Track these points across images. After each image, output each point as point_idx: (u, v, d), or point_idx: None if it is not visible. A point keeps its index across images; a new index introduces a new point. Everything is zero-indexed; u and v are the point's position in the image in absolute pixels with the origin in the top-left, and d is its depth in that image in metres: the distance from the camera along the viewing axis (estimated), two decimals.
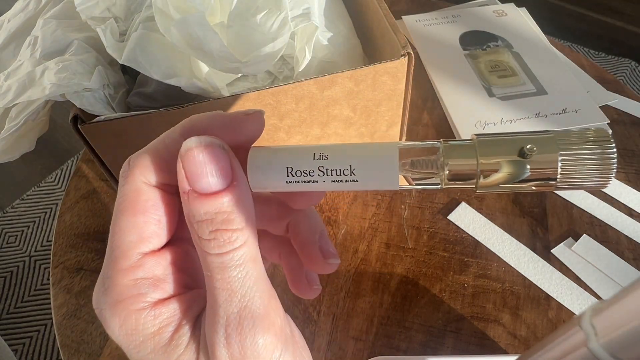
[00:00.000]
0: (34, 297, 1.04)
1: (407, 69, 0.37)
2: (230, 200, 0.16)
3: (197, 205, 0.16)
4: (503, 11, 0.63)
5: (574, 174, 0.17)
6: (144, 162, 0.17)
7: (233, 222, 0.16)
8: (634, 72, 1.35)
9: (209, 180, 0.16)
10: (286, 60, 0.42)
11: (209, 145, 0.16)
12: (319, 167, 0.18)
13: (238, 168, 0.17)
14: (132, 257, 0.17)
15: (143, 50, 0.36)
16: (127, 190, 0.17)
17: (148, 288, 0.17)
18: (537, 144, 0.17)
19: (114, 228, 0.17)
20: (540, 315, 0.37)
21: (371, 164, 0.18)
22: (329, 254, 0.22)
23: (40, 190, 1.24)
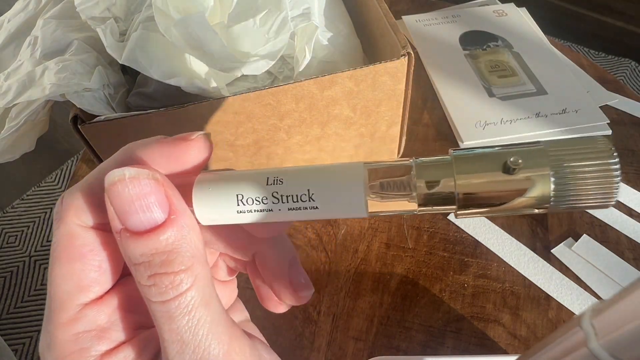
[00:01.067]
0: (34, 297, 1.04)
1: (407, 69, 0.37)
2: (170, 237, 0.14)
3: (131, 246, 0.14)
4: (503, 11, 0.63)
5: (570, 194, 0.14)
6: (77, 202, 0.15)
7: (174, 263, 0.14)
8: (634, 72, 1.35)
9: (140, 216, 0.14)
10: (286, 60, 0.42)
11: (135, 177, 0.14)
12: (273, 192, 0.16)
13: (176, 199, 0.15)
14: (71, 310, 0.15)
15: (143, 50, 0.36)
16: (60, 234, 0.15)
17: (91, 341, 0.15)
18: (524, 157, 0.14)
19: (50, 277, 0.15)
20: (540, 315, 0.37)
21: (333, 188, 0.16)
22: (299, 286, 0.20)
23: (40, 190, 1.24)
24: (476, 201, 0.15)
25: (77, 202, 0.15)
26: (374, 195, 0.16)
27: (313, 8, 0.40)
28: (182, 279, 0.14)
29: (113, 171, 0.14)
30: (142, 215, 0.14)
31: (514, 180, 0.14)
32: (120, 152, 0.16)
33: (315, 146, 0.42)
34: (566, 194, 0.14)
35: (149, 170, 0.14)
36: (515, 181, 0.14)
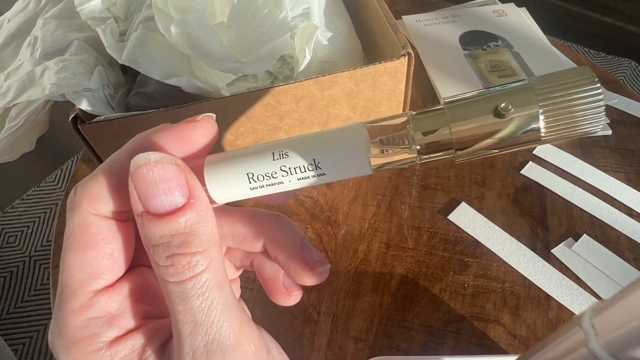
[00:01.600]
0: (34, 297, 1.04)
1: (407, 69, 0.37)
2: (188, 220, 0.15)
3: (152, 228, 0.15)
4: (503, 11, 0.63)
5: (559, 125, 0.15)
6: (91, 192, 0.16)
7: (192, 245, 0.15)
8: (634, 72, 1.35)
9: (162, 199, 0.14)
10: (286, 60, 0.42)
11: (159, 161, 0.15)
12: (281, 167, 0.16)
13: (195, 184, 0.15)
14: (83, 297, 0.16)
15: (143, 50, 0.36)
16: (74, 223, 0.16)
17: (102, 327, 0.16)
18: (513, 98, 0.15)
19: (63, 265, 0.16)
20: (540, 315, 0.37)
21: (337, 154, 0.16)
22: (315, 263, 0.20)
23: (40, 190, 1.24)
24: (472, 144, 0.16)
25: (91, 191, 0.16)
26: (376, 152, 0.16)
27: (313, 8, 0.40)
28: (198, 260, 0.15)
29: (139, 155, 0.15)
30: (164, 198, 0.14)
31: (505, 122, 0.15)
32: (130, 142, 0.17)
33: None
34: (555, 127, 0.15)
35: (172, 155, 0.15)
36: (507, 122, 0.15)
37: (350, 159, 0.16)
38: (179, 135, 0.17)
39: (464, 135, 0.16)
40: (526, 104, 0.15)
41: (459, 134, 0.16)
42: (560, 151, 0.47)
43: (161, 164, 0.15)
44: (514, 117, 0.15)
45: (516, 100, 0.15)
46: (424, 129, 0.16)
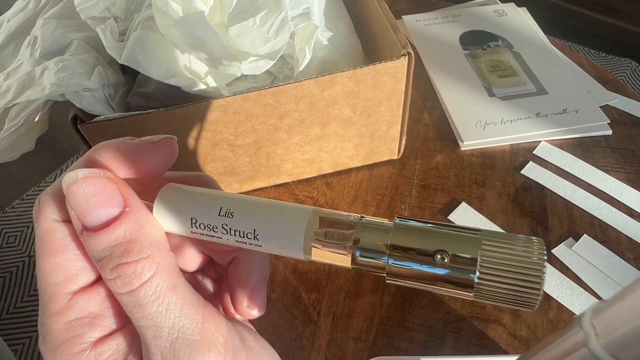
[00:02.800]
0: (34, 297, 1.04)
1: (407, 68, 0.37)
2: (126, 229, 0.15)
3: (93, 243, 0.15)
4: (503, 11, 0.63)
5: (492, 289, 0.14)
6: (51, 200, 0.16)
7: (133, 252, 0.15)
8: (634, 72, 1.35)
9: (97, 213, 0.15)
10: (286, 60, 0.42)
11: (88, 176, 0.15)
12: (222, 224, 0.17)
13: (130, 194, 0.16)
14: (61, 299, 0.16)
15: (143, 50, 0.36)
16: (41, 231, 0.16)
17: (84, 328, 0.16)
18: (459, 244, 0.14)
19: (38, 273, 0.16)
20: (540, 315, 0.37)
21: (276, 232, 0.17)
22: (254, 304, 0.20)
23: (40, 190, 1.24)
24: (403, 276, 0.15)
25: (52, 199, 0.16)
26: (317, 242, 0.16)
27: (313, 8, 0.40)
28: (144, 267, 0.15)
29: (67, 174, 0.15)
30: (99, 212, 0.15)
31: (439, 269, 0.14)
32: (86, 155, 0.17)
33: (315, 146, 0.42)
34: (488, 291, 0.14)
35: (101, 169, 0.15)
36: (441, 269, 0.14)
37: (287, 241, 0.17)
38: (134, 154, 0.17)
39: (398, 261, 0.15)
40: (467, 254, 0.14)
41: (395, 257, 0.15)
42: (560, 151, 0.47)
43: (90, 179, 0.15)
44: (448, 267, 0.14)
45: (461, 248, 0.14)
46: (365, 241, 0.16)
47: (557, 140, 0.48)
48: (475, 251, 0.14)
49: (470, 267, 0.14)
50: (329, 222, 0.17)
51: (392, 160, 0.47)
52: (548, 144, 0.48)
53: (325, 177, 0.47)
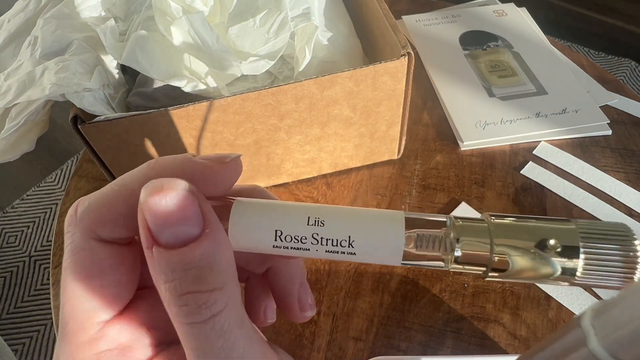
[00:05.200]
0: (34, 297, 1.04)
1: (407, 69, 0.37)
2: (203, 253, 0.13)
3: (163, 263, 0.13)
4: (503, 11, 0.63)
5: (595, 272, 0.15)
6: (94, 215, 0.15)
7: (207, 281, 0.13)
8: (634, 72, 1.35)
9: (174, 230, 0.13)
10: (286, 60, 0.42)
11: (173, 188, 0.13)
12: (313, 234, 0.16)
13: (211, 214, 0.14)
14: (92, 329, 0.15)
15: (143, 50, 0.36)
16: (75, 248, 0.14)
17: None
18: (557, 235, 0.15)
19: (66, 295, 0.15)
20: (540, 315, 0.37)
21: (374, 238, 0.16)
22: (306, 306, 0.20)
23: (40, 190, 1.24)
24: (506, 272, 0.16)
25: (94, 214, 0.15)
26: (410, 247, 0.16)
27: (313, 8, 0.40)
28: (217, 298, 0.13)
29: (151, 182, 0.13)
30: (177, 229, 0.13)
31: (547, 257, 0.15)
32: (145, 166, 0.15)
33: (315, 146, 0.42)
34: (592, 273, 0.15)
35: (186, 182, 0.14)
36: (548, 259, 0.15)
37: (385, 247, 0.16)
38: (203, 174, 0.15)
39: (503, 258, 0.15)
40: (569, 243, 0.15)
41: (500, 255, 0.15)
42: (560, 151, 0.47)
43: (174, 191, 0.13)
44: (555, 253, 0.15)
45: (561, 238, 0.15)
46: (465, 239, 0.16)
47: (557, 140, 0.48)
48: (576, 238, 0.15)
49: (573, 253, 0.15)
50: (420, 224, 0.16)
51: (392, 160, 0.47)
52: (548, 144, 0.48)
53: (325, 177, 0.47)
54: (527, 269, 0.15)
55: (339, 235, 0.16)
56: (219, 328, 0.13)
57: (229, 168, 0.15)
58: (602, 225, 0.15)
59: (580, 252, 0.15)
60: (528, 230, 0.16)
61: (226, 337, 0.13)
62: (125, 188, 0.15)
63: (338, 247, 0.16)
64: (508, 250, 0.15)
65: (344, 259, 0.16)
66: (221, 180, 0.15)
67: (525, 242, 0.15)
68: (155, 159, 0.15)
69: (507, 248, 0.15)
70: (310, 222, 0.16)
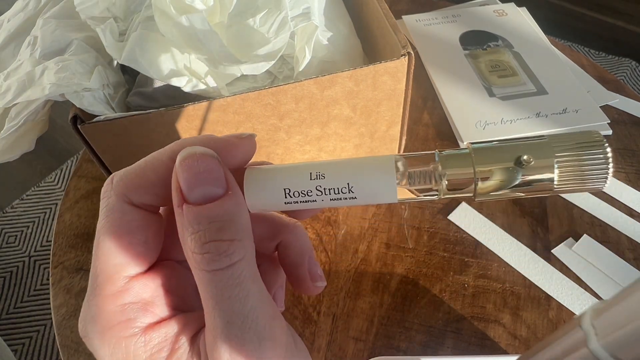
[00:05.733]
0: (34, 297, 1.04)
1: (407, 68, 0.37)
2: (226, 209, 0.15)
3: (191, 216, 0.15)
4: (503, 11, 0.63)
5: (571, 178, 0.17)
6: (129, 182, 0.16)
7: (229, 231, 0.15)
8: (634, 72, 1.35)
9: (203, 189, 0.15)
10: (286, 60, 0.42)
11: (204, 154, 0.16)
12: (316, 186, 0.18)
13: (232, 178, 0.16)
14: (119, 282, 0.16)
15: (143, 50, 0.36)
16: (109, 210, 0.16)
17: (137, 313, 0.16)
18: (532, 150, 0.17)
19: (98, 251, 0.16)
20: (540, 315, 0.37)
21: (369, 180, 0.18)
22: (316, 276, 0.22)
23: (40, 190, 1.24)
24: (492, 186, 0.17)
25: (129, 181, 0.16)
26: (404, 184, 0.18)
27: (313, 8, 0.40)
28: (235, 249, 0.15)
29: (186, 148, 0.16)
30: (205, 188, 0.15)
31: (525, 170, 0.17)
32: (173, 144, 0.17)
33: (315, 146, 0.42)
34: (568, 179, 0.17)
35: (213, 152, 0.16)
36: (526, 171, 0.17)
37: (380, 187, 0.18)
38: (224, 147, 0.17)
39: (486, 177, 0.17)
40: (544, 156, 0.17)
41: (482, 174, 0.17)
42: None
43: (205, 156, 0.16)
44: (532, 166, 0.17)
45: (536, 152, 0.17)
46: (451, 167, 0.18)
47: None
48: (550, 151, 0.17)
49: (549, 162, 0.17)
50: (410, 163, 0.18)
51: None
52: None
53: None
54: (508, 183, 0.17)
55: (338, 184, 0.18)
56: (236, 277, 0.15)
57: (245, 142, 0.18)
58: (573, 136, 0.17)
59: (555, 162, 0.16)
60: (505, 150, 0.17)
61: (242, 286, 0.15)
62: (155, 159, 0.17)
63: (340, 194, 0.18)
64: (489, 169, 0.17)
65: (347, 204, 0.18)
66: (240, 152, 0.18)
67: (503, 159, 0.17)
68: (181, 139, 0.18)
69: (487, 167, 0.17)
70: (313, 177, 0.18)
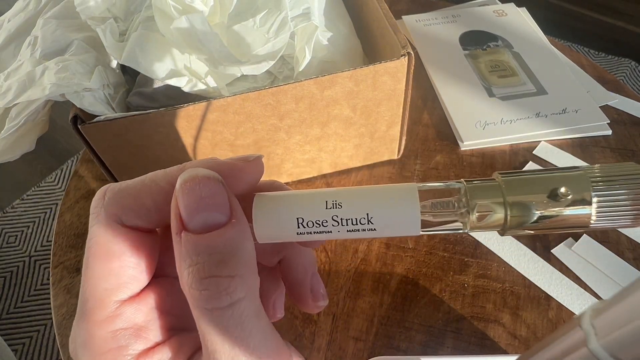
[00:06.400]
0: (34, 297, 1.04)
1: (407, 69, 0.37)
2: (228, 239, 0.14)
3: (190, 246, 0.14)
4: (503, 11, 0.63)
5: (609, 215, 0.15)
6: (121, 202, 0.15)
7: (230, 266, 0.14)
8: (634, 72, 1.35)
9: (205, 215, 0.14)
10: (286, 60, 0.42)
11: (207, 176, 0.14)
12: (332, 216, 0.16)
13: (237, 205, 0.15)
14: (109, 307, 0.15)
15: (143, 50, 0.36)
16: (99, 231, 0.15)
17: (129, 339, 0.15)
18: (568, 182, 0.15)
19: (87, 274, 0.15)
20: (540, 315, 0.37)
21: (391, 212, 0.16)
22: (318, 296, 0.21)
23: (40, 190, 1.24)
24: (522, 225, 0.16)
25: (121, 201, 0.15)
26: (427, 216, 0.17)
27: (313, 8, 0.40)
28: (237, 286, 0.14)
29: (188, 170, 0.15)
30: (207, 215, 0.14)
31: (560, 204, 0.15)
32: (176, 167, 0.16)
33: (315, 146, 0.42)
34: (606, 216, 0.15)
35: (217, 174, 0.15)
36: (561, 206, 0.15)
37: (403, 219, 0.16)
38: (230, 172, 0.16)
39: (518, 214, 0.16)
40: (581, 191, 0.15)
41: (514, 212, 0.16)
42: (560, 151, 0.47)
43: (208, 179, 0.14)
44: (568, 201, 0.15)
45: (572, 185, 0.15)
46: (479, 199, 0.16)
47: (557, 140, 0.48)
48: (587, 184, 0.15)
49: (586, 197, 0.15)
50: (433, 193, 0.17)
51: (392, 160, 0.47)
52: (548, 144, 0.48)
53: (325, 177, 0.47)
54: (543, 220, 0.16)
55: (357, 215, 0.16)
56: (237, 316, 0.14)
57: (252, 165, 0.17)
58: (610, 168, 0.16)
59: (593, 196, 0.15)
60: (538, 182, 0.16)
61: (243, 326, 0.14)
62: (155, 183, 0.16)
63: (358, 225, 0.16)
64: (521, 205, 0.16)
65: (365, 237, 0.17)
66: (246, 176, 0.16)
67: (536, 192, 0.16)
68: (185, 163, 0.16)
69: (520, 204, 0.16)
70: (329, 205, 0.16)
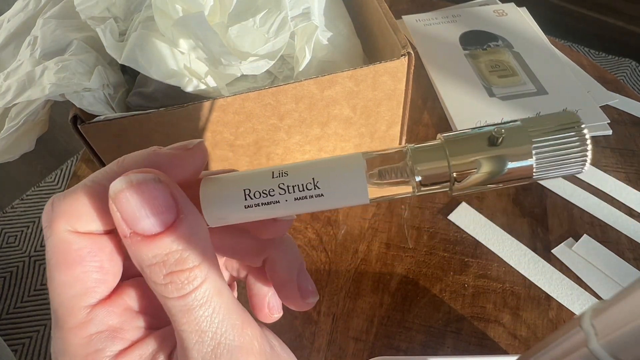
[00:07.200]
0: (34, 297, 1.04)
1: (407, 68, 0.37)
2: (179, 237, 0.14)
3: (143, 249, 0.14)
4: (503, 11, 0.63)
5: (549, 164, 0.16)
6: (68, 210, 0.15)
7: (187, 261, 0.14)
8: (634, 72, 1.35)
9: (150, 221, 0.14)
10: (286, 60, 0.42)
11: (142, 182, 0.14)
12: (279, 184, 0.16)
13: (182, 198, 0.15)
14: (80, 313, 0.15)
15: (143, 50, 0.36)
16: (54, 242, 0.15)
17: (105, 342, 0.15)
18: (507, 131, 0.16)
19: (52, 285, 0.15)
20: (540, 315, 0.37)
21: (336, 174, 0.16)
22: (307, 292, 0.21)
23: (40, 190, 1.24)
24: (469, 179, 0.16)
25: (69, 208, 0.15)
26: (374, 182, 0.17)
27: (313, 8, 0.40)
28: (196, 274, 0.15)
29: (118, 179, 0.14)
30: (152, 219, 0.14)
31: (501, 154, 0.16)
32: (114, 163, 0.16)
33: (315, 146, 0.42)
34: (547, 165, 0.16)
35: (153, 173, 0.15)
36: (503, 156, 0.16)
37: (349, 185, 0.16)
38: (169, 162, 0.16)
39: (462, 169, 0.16)
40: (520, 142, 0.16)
41: (458, 167, 0.16)
42: None
43: (144, 184, 0.14)
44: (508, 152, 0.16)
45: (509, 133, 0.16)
46: (423, 162, 0.16)
47: None
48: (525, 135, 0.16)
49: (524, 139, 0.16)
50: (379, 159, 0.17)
51: None
52: None
53: None
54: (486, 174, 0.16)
55: (303, 180, 0.16)
56: (200, 297, 0.15)
57: (192, 153, 0.16)
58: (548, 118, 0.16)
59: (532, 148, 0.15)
60: (478, 137, 0.16)
61: (207, 305, 0.15)
62: (97, 184, 0.15)
63: (305, 191, 0.16)
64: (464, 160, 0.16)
65: (316, 207, 0.16)
66: (188, 165, 0.16)
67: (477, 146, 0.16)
68: (123, 156, 0.16)
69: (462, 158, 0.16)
70: (275, 175, 0.16)
